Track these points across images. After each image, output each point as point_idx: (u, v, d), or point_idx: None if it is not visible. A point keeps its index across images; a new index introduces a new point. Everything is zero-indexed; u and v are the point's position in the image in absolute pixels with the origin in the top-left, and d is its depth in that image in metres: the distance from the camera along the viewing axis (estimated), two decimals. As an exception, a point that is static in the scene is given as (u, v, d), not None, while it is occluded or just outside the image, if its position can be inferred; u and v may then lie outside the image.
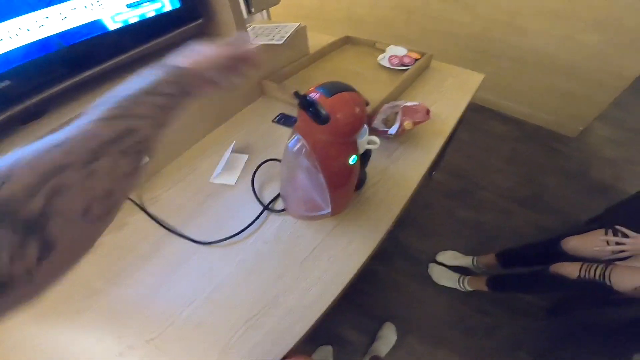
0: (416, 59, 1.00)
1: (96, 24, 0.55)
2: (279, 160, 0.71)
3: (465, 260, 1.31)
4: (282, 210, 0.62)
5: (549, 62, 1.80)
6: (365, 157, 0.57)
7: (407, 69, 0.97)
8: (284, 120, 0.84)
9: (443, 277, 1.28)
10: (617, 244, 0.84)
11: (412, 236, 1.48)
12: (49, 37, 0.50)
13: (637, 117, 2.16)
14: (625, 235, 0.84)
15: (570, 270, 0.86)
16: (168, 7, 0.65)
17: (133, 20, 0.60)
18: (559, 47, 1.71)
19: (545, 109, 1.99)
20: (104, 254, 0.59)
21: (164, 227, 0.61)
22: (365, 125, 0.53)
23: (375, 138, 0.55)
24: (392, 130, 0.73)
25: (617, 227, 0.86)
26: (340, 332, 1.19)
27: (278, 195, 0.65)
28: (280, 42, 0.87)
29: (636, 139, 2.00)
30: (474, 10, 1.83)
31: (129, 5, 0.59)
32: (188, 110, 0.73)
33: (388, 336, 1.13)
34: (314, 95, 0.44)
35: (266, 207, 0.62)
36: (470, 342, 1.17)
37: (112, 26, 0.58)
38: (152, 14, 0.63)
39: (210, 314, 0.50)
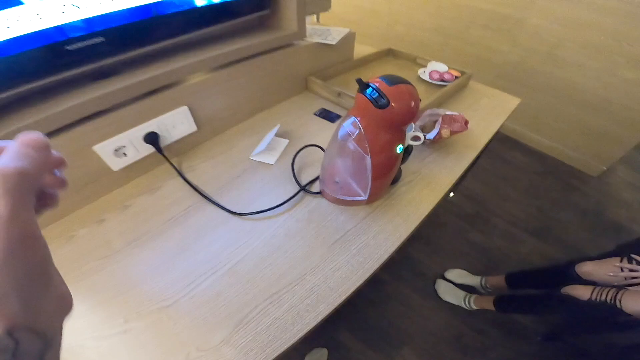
0: (456, 77, 0.99)
1: (187, -1, 0.58)
2: (320, 147, 0.70)
3: (473, 280, 1.27)
4: (318, 192, 0.61)
5: (583, 97, 1.75)
6: (407, 152, 0.56)
7: (446, 85, 0.96)
8: (325, 114, 0.84)
9: (449, 294, 1.24)
10: (632, 270, 0.80)
11: (422, 251, 1.45)
12: (149, 4, 0.52)
13: None
14: (639, 263, 0.81)
15: (582, 292, 0.83)
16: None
17: (217, 0, 0.62)
18: (595, 81, 1.67)
19: (571, 145, 1.94)
20: (132, 214, 0.58)
21: (199, 192, 0.61)
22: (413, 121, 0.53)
23: (419, 134, 0.54)
24: (431, 135, 0.72)
25: (633, 255, 0.83)
26: (337, 335, 1.16)
27: (315, 180, 0.64)
28: (333, 43, 0.88)
29: None
30: (515, 39, 1.82)
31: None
32: (234, 92, 0.74)
33: None
34: (376, 83, 0.44)
35: (303, 188, 0.61)
36: (469, 362, 1.12)
37: (199, 2, 0.60)
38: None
39: (231, 286, 0.48)
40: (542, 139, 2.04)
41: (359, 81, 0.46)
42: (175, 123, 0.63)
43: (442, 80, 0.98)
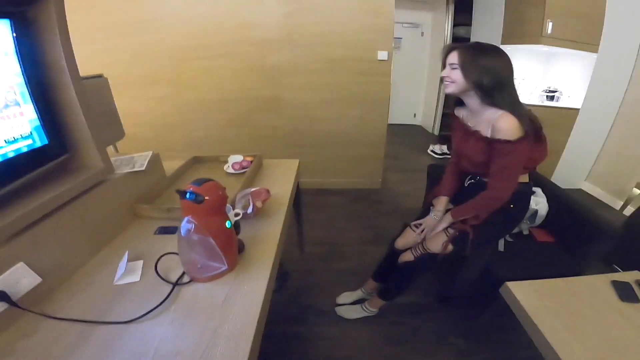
0: (251, 161, 1.50)
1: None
2: (173, 253, 0.95)
3: (357, 294, 1.76)
4: (190, 281, 0.85)
5: (340, 139, 2.82)
6: (237, 226, 0.92)
7: (246, 171, 1.45)
8: (164, 230, 1.07)
9: (350, 312, 1.67)
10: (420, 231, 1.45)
11: (312, 296, 1.85)
12: None
13: (407, 160, 3.58)
14: (417, 225, 1.47)
15: (407, 256, 1.41)
16: (38, 143, 0.81)
17: (10, 154, 0.73)
18: (339, 125, 2.76)
19: (353, 174, 2.98)
20: (22, 356, 0.64)
21: (83, 321, 0.71)
22: (228, 204, 0.90)
23: (238, 211, 0.92)
24: (249, 210, 1.11)
25: (412, 223, 1.51)
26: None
27: (183, 274, 0.87)
28: (142, 169, 1.15)
29: (414, 174, 3.23)
30: (282, 113, 2.74)
31: (7, 142, 0.74)
32: (66, 238, 0.88)
33: None
34: (189, 188, 0.79)
35: (176, 283, 0.83)
36: (409, 348, 1.54)
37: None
38: (25, 149, 0.77)
39: None
40: (337, 180, 3.02)
41: (178, 191, 0.80)
42: (18, 279, 0.72)
43: (243, 168, 1.46)
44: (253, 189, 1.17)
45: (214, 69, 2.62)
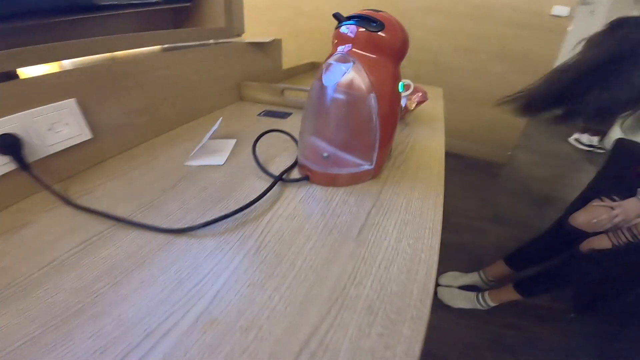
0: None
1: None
2: (285, 132, 0.53)
3: (468, 278, 1.18)
4: (304, 178, 0.42)
5: (470, 95, 2.07)
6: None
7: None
8: (271, 114, 0.70)
9: (457, 299, 1.11)
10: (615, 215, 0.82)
11: None
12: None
13: (542, 143, 2.59)
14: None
15: (601, 242, 0.80)
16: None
17: None
18: (474, 80, 2.00)
19: (477, 140, 2.22)
20: None
21: (106, 216, 0.35)
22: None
23: (408, 81, 0.44)
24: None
25: (602, 197, 0.87)
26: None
27: (291, 168, 0.45)
28: (267, 40, 0.80)
29: (551, 160, 2.33)
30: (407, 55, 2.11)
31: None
32: (149, 91, 0.53)
33: None
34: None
35: (279, 178, 0.41)
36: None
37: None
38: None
39: (208, 348, 0.23)
40: (454, 141, 2.29)
41: (338, 15, 0.35)
42: (54, 123, 0.38)
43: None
44: (407, 81, 0.67)
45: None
